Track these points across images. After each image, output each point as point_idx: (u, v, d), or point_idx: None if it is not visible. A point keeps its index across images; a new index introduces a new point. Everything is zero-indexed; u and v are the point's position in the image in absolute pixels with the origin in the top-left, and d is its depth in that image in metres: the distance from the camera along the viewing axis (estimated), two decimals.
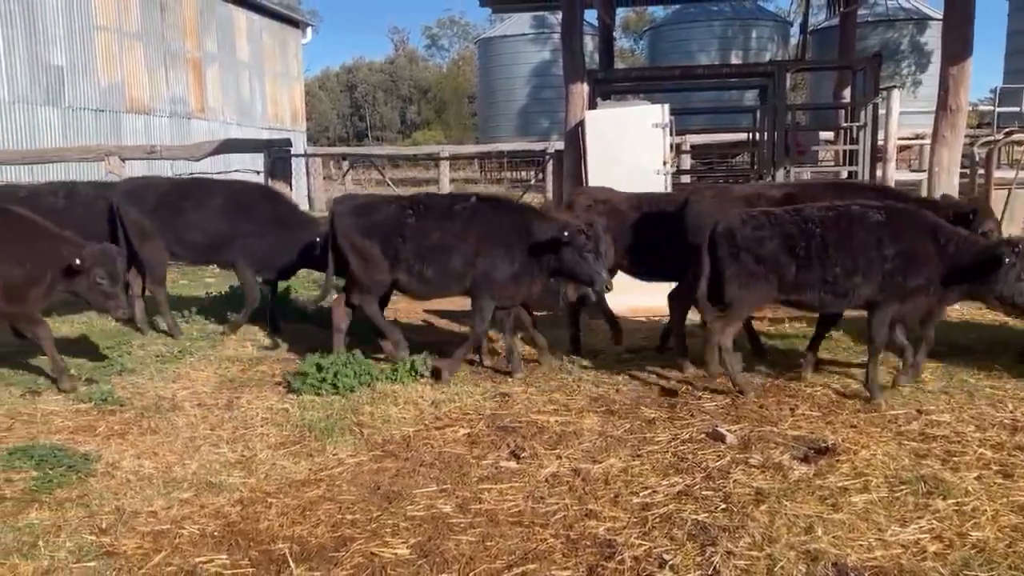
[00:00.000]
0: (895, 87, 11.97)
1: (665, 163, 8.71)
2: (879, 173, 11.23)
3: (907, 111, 15.73)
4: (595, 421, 5.42)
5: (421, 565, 3.67)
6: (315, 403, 5.83)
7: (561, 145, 12.04)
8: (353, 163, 26.43)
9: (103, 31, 18.14)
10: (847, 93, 13.83)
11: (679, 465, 4.66)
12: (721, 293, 5.80)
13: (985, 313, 7.90)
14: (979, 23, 8.50)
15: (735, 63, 25.43)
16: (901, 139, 14.73)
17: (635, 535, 3.85)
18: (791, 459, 4.66)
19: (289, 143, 12.27)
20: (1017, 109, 18.17)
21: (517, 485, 4.45)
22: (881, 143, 11.48)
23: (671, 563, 3.59)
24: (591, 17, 15.19)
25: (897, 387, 5.85)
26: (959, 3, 8.51)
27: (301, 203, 12.09)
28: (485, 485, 4.47)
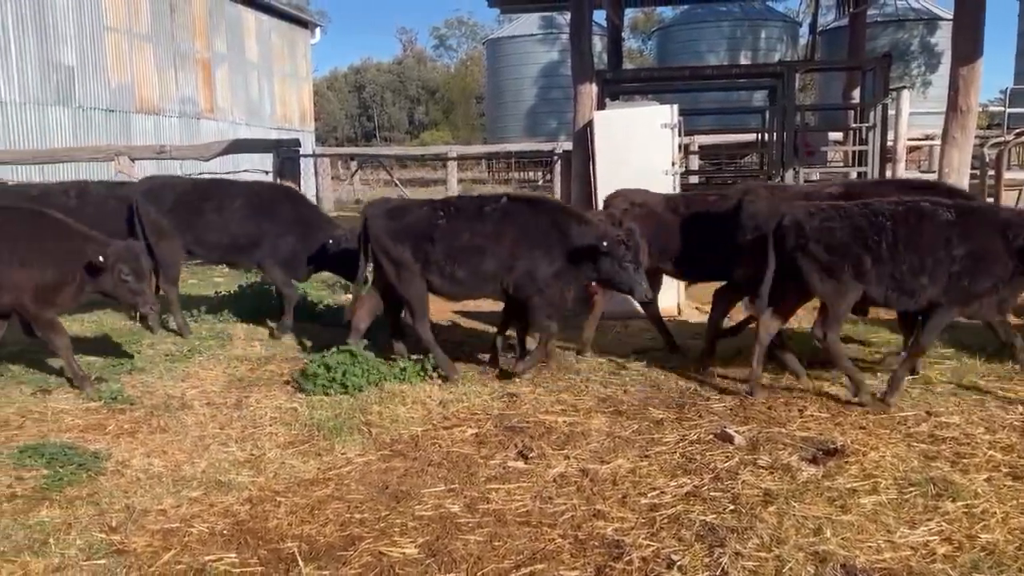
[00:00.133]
0: (905, 88, 11.92)
1: (674, 164, 8.70)
2: (888, 174, 11.19)
3: (917, 112, 15.68)
4: (603, 421, 5.42)
5: (429, 564, 3.67)
6: (324, 402, 5.85)
7: (569, 145, 12.05)
8: (361, 163, 26.48)
9: (113, 32, 18.25)
10: (856, 94, 13.79)
11: (687, 466, 4.66)
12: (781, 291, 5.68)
13: None
14: (989, 23, 8.48)
15: (744, 63, 25.39)
16: (911, 140, 14.68)
17: (643, 536, 3.85)
18: (800, 460, 4.65)
19: (298, 143, 12.32)
20: None
21: (525, 485, 4.46)
22: (891, 144, 11.44)
23: (679, 564, 3.59)
24: (600, 18, 15.20)
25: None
26: (969, 3, 8.47)
27: None
28: (493, 485, 4.47)
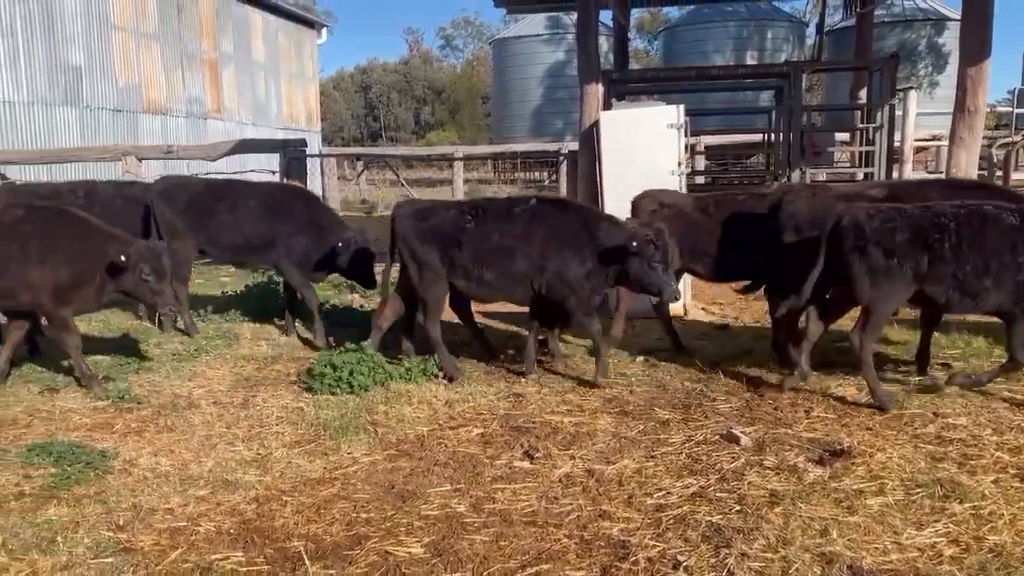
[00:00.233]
0: (912, 88, 11.91)
1: (680, 164, 8.69)
2: (895, 175, 11.17)
3: (924, 112, 15.64)
4: (609, 422, 5.42)
5: (435, 564, 3.68)
6: (330, 402, 5.86)
7: (575, 146, 12.05)
8: (367, 163, 26.52)
9: (120, 31, 18.31)
10: (863, 94, 13.76)
11: (693, 466, 4.65)
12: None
13: None
14: (997, 24, 8.43)
15: (750, 64, 25.37)
16: (918, 140, 14.64)
17: (649, 536, 3.85)
18: (806, 461, 4.64)
19: (304, 143, 12.34)
20: None
21: (531, 485, 4.46)
22: (898, 144, 11.42)
23: (685, 564, 3.59)
24: (606, 18, 15.20)
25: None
26: (977, 3, 8.44)
27: None
28: (499, 485, 4.47)
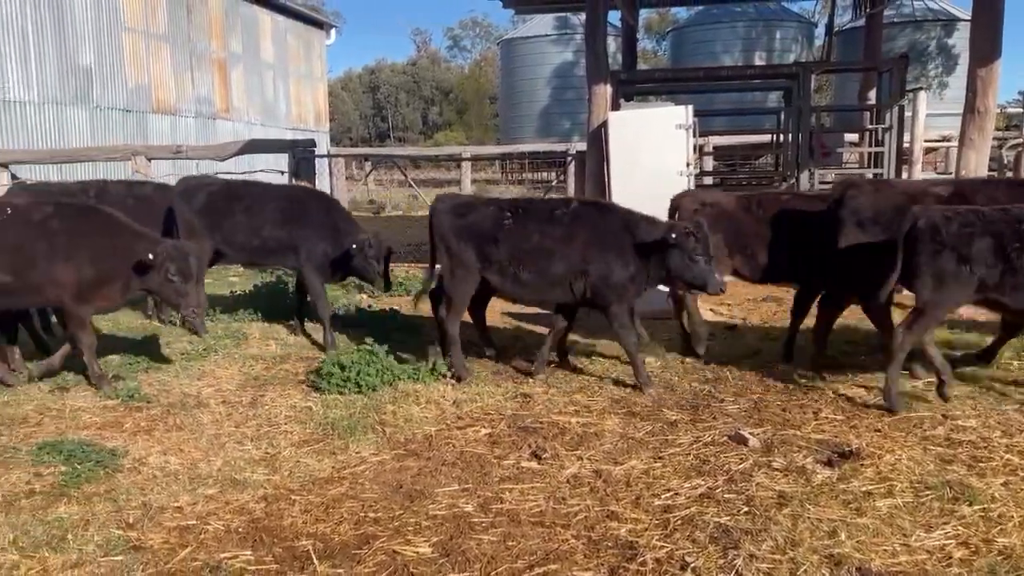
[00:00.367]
0: (921, 89, 11.84)
1: (688, 164, 8.69)
2: (904, 176, 11.12)
3: (933, 113, 15.56)
4: (616, 423, 5.42)
5: (443, 564, 3.69)
6: (338, 401, 5.88)
7: (583, 146, 12.05)
8: (375, 164, 26.57)
9: (130, 32, 18.39)
10: (873, 95, 13.71)
11: (701, 468, 4.65)
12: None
13: None
14: (1008, 24, 8.40)
15: (759, 64, 25.29)
16: (927, 141, 14.57)
17: (657, 537, 3.85)
18: (814, 463, 4.63)
19: (313, 144, 12.37)
20: None
21: (538, 485, 4.46)
22: (907, 145, 11.38)
23: (693, 565, 3.59)
24: (614, 18, 15.19)
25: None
26: (988, 4, 8.41)
27: None
28: (506, 485, 4.48)
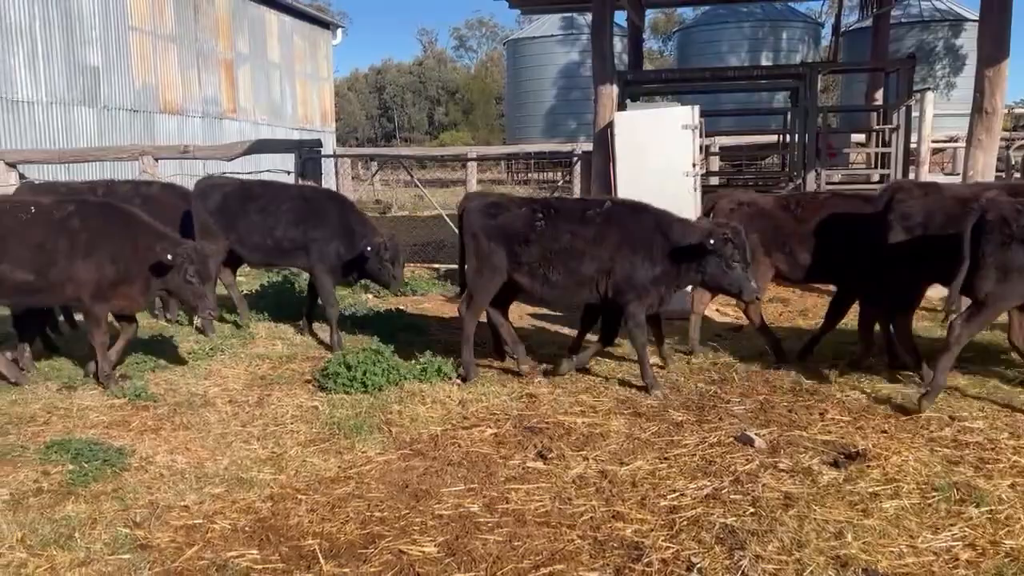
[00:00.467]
0: (929, 89, 11.82)
1: (694, 165, 8.67)
2: (911, 177, 11.10)
3: (940, 114, 15.52)
4: (622, 423, 5.42)
5: (448, 563, 3.69)
6: (344, 401, 5.89)
7: (589, 146, 12.03)
8: (381, 164, 26.58)
9: (138, 32, 18.44)
10: (880, 95, 13.68)
11: (707, 468, 4.64)
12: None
13: None
14: (1016, 24, 8.39)
15: (766, 65, 25.27)
16: (934, 142, 14.53)
17: (663, 538, 3.85)
18: (821, 464, 4.63)
19: (319, 144, 12.37)
20: None
21: (544, 486, 4.46)
22: (914, 146, 11.35)
23: (699, 566, 3.58)
24: (620, 19, 15.19)
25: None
26: (996, 4, 8.38)
27: None
28: (512, 485, 4.48)
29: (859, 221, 6.35)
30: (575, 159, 13.42)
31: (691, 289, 6.91)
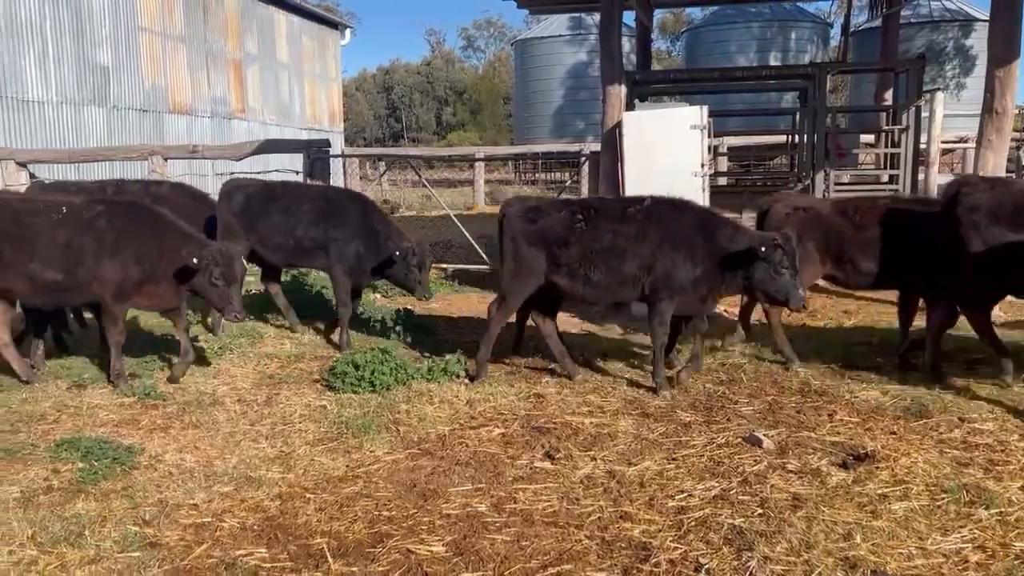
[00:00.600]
0: (939, 90, 11.76)
1: (703, 165, 8.66)
2: (920, 177, 11.05)
3: (950, 114, 15.45)
4: (630, 424, 5.41)
5: (456, 563, 3.70)
6: (352, 400, 5.90)
7: (597, 146, 12.03)
8: (389, 164, 26.62)
9: (147, 33, 18.51)
10: (889, 96, 13.63)
11: (715, 469, 4.63)
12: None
13: None
14: None
15: (774, 65, 25.17)
16: (944, 143, 14.47)
17: (671, 538, 3.85)
18: (829, 465, 4.61)
19: (328, 144, 12.40)
20: None
21: (552, 486, 4.47)
22: (924, 147, 11.30)
23: (707, 567, 3.58)
24: (628, 19, 15.14)
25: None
26: (1006, 4, 8.34)
27: None
28: (520, 485, 4.48)
29: (923, 222, 6.27)
30: (583, 159, 13.45)
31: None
